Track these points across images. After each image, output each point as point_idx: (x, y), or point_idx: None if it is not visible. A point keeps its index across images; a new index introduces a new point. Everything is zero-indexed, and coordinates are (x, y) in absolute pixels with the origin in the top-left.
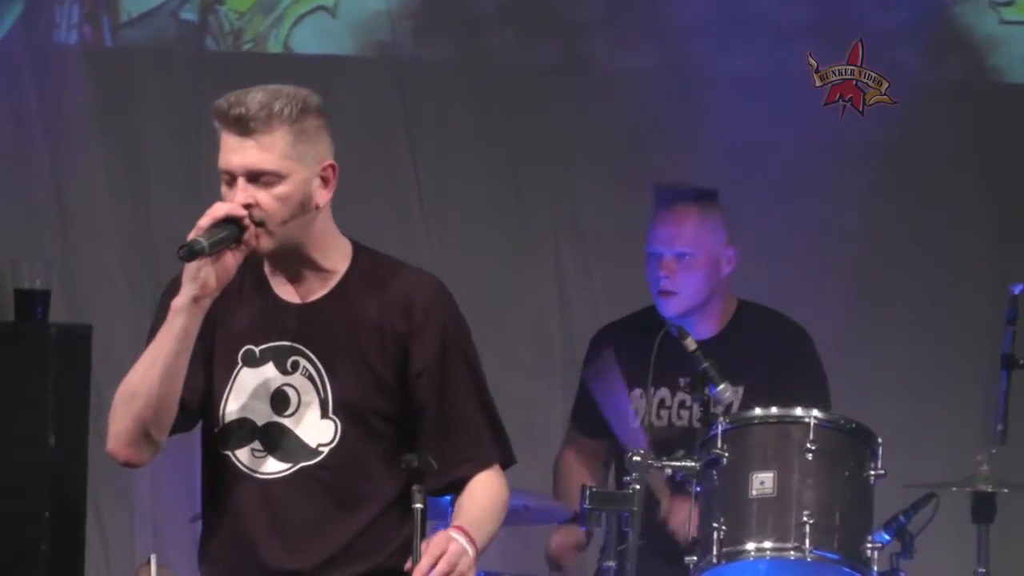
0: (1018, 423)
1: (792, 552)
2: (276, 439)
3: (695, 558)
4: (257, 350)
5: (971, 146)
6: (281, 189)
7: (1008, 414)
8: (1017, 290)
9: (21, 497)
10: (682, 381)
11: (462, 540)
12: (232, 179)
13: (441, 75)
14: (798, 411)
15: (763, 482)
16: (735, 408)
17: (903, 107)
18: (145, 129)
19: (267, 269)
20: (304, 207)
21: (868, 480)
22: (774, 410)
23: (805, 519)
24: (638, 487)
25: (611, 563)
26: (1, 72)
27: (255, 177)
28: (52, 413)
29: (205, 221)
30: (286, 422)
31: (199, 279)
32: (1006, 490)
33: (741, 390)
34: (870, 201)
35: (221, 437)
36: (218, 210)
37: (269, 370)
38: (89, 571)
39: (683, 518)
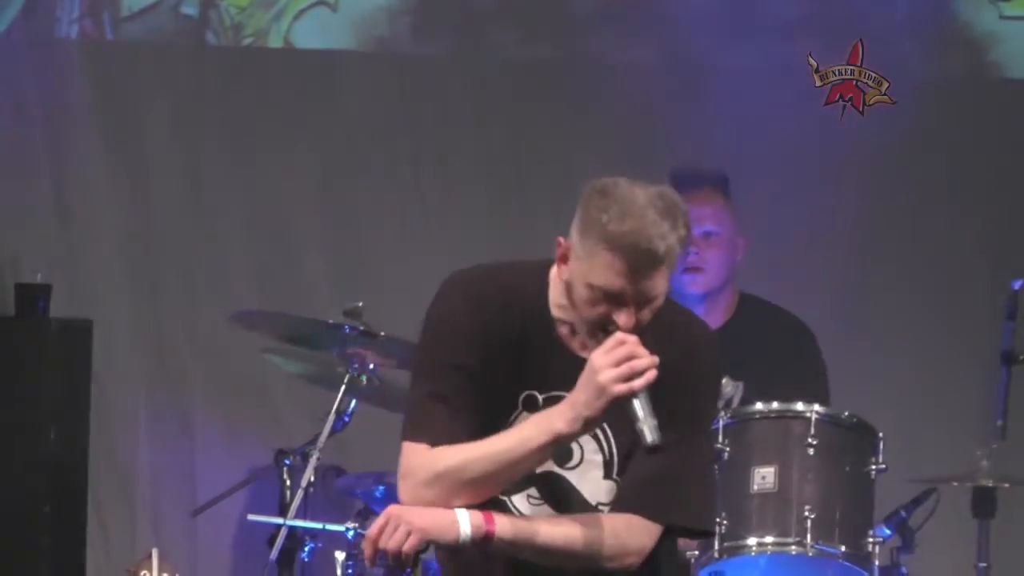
0: (1018, 418)
1: (793, 547)
2: (554, 490)
3: (696, 553)
4: (540, 397)
5: (971, 142)
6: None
7: (1008, 410)
8: (1017, 285)
9: (22, 491)
10: None
11: (457, 512)
12: None
13: (440, 70)
14: (799, 406)
15: (764, 477)
16: (735, 403)
17: (903, 104)
18: (145, 124)
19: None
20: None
21: (869, 475)
22: (775, 405)
23: (806, 514)
24: None
25: None
26: (1, 66)
27: None
28: (53, 407)
29: None
30: (568, 475)
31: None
32: (1007, 485)
33: (742, 385)
34: (871, 197)
35: None
36: None
37: None
38: (90, 565)
39: None
